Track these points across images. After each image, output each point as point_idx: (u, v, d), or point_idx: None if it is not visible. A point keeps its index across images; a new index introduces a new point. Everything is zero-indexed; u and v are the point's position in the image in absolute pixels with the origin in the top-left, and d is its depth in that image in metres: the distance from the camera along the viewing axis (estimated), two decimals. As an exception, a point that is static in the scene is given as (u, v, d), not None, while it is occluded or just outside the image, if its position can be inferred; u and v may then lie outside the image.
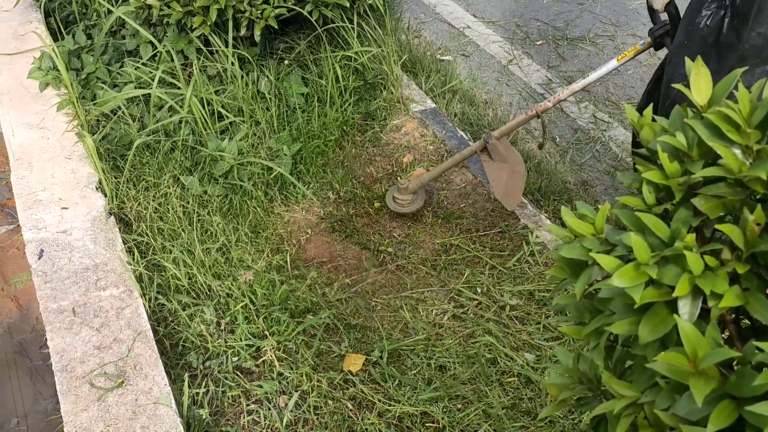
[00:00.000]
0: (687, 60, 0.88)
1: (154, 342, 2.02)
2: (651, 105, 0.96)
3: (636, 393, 0.90)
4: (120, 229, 2.38)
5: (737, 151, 0.80)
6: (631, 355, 0.99)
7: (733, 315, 0.93)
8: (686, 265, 0.80)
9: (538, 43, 4.06)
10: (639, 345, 0.87)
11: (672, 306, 0.84)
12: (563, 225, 2.31)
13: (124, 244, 2.34)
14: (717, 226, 0.79)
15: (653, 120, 0.94)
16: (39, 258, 2.21)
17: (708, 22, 2.02)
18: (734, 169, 0.79)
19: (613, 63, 2.35)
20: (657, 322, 0.84)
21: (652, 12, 2.29)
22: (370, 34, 3.17)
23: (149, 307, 2.17)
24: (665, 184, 0.85)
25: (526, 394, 2.05)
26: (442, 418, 1.97)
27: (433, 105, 3.27)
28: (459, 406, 2.02)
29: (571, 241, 0.99)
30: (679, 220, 0.84)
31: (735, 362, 0.83)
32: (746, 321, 0.97)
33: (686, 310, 0.81)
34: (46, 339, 2.18)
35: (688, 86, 0.90)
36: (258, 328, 2.20)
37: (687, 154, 0.85)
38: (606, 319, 0.94)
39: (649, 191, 0.88)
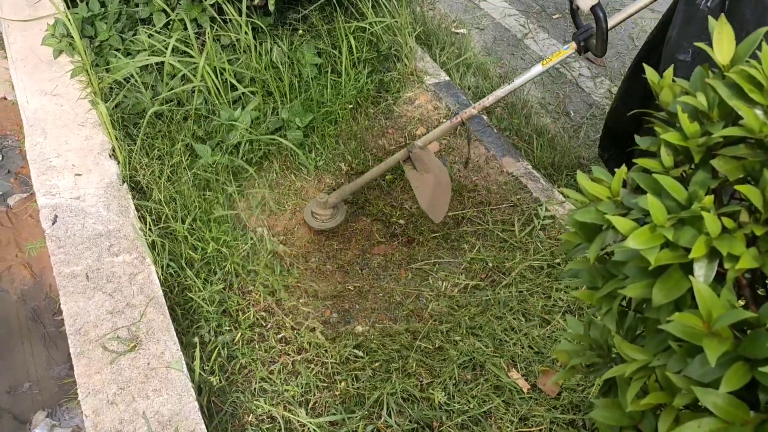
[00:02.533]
0: (710, 19, 0.86)
1: (166, 308, 2.04)
2: (672, 68, 0.95)
3: (647, 357, 0.90)
4: (132, 197, 2.39)
5: (759, 112, 0.79)
6: (642, 321, 0.99)
7: (748, 284, 0.92)
8: (703, 227, 0.79)
9: (554, 16, 4.01)
10: (652, 308, 0.86)
11: (687, 269, 0.83)
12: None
13: (137, 211, 2.35)
14: (737, 187, 0.78)
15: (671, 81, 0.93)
16: (53, 223, 2.23)
17: (708, 4, 1.97)
18: (755, 129, 0.77)
19: (538, 68, 2.21)
20: (671, 284, 0.83)
21: (575, 15, 2.16)
22: (385, 5, 3.13)
23: (161, 274, 2.18)
24: (684, 146, 0.84)
25: (536, 368, 2.05)
26: (452, 391, 1.98)
27: (447, 78, 3.24)
28: (468, 376, 2.03)
29: (587, 205, 0.98)
30: (697, 182, 0.83)
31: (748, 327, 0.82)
32: (762, 290, 0.96)
33: (702, 272, 0.81)
34: (59, 306, 2.19)
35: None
36: (269, 298, 2.21)
37: (707, 115, 0.84)
38: (619, 283, 0.94)
39: (667, 153, 0.87)
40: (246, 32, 2.80)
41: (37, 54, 2.92)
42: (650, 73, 0.93)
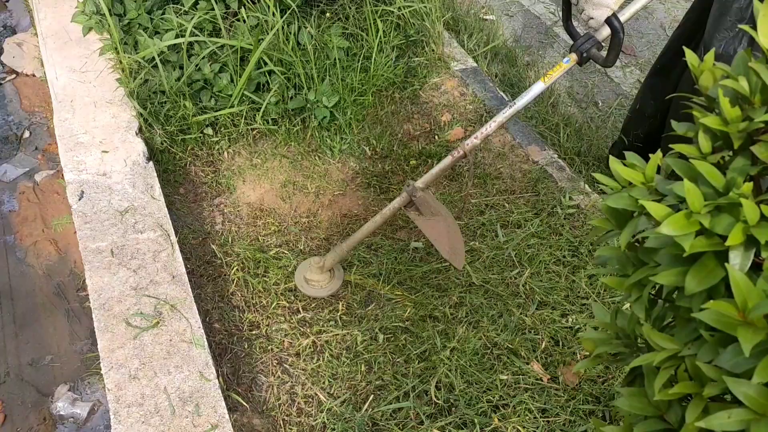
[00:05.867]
0: (755, 1, 0.84)
1: (189, 286, 2.05)
2: (713, 51, 0.92)
3: (677, 346, 0.88)
4: (158, 174, 2.40)
5: (804, 97, 0.77)
6: (673, 309, 0.97)
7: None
8: (741, 215, 0.77)
9: (584, 5, 3.94)
10: (684, 296, 0.84)
11: (721, 257, 0.81)
12: (601, 191, 2.24)
13: (162, 188, 2.36)
14: (778, 174, 0.76)
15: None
16: (80, 199, 2.25)
17: None
18: (799, 115, 0.75)
19: (540, 85, 2.00)
20: (705, 272, 0.81)
21: (570, 24, 2.02)
22: (413, -11, 3.11)
23: (184, 251, 2.20)
24: (723, 131, 0.82)
25: (557, 358, 2.04)
26: (472, 378, 1.98)
27: (474, 64, 3.21)
28: (489, 364, 2.02)
29: (619, 190, 0.97)
30: (736, 169, 0.81)
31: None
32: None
33: (738, 261, 0.79)
34: (83, 281, 2.22)
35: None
36: (292, 280, 2.22)
37: (748, 100, 0.81)
38: (650, 270, 0.92)
39: (706, 139, 0.85)
40: (274, 13, 2.79)
41: (67, 31, 2.94)
42: (690, 55, 0.91)
